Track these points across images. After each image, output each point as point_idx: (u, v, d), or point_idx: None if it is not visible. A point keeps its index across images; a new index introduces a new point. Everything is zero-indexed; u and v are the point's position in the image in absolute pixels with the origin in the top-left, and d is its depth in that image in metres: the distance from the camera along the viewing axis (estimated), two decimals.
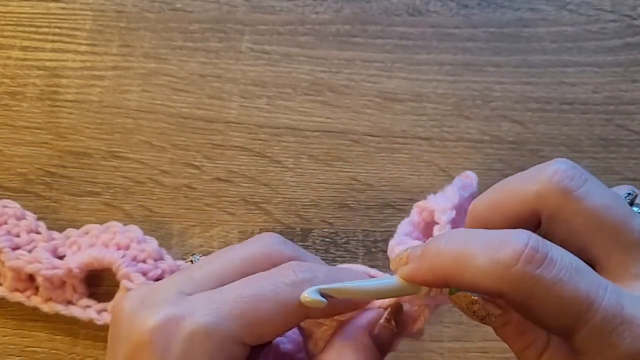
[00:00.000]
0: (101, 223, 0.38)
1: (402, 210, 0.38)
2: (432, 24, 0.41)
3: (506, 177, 0.38)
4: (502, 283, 0.22)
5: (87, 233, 0.36)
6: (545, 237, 0.24)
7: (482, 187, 0.38)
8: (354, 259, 0.37)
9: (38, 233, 0.36)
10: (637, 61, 0.40)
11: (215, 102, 0.40)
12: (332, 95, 0.40)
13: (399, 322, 0.28)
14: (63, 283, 0.35)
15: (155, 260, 0.35)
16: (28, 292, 0.36)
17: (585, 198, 0.24)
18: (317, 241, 0.38)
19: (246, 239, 0.38)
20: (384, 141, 0.39)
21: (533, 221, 0.25)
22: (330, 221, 0.38)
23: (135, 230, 0.36)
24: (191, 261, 0.34)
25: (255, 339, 0.26)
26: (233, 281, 0.26)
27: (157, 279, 0.35)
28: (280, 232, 0.38)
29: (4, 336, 0.37)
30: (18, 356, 0.36)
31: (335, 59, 0.41)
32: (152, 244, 0.36)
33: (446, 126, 0.40)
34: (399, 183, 0.39)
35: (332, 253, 0.38)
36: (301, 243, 0.38)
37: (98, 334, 0.36)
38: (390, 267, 0.27)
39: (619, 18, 0.41)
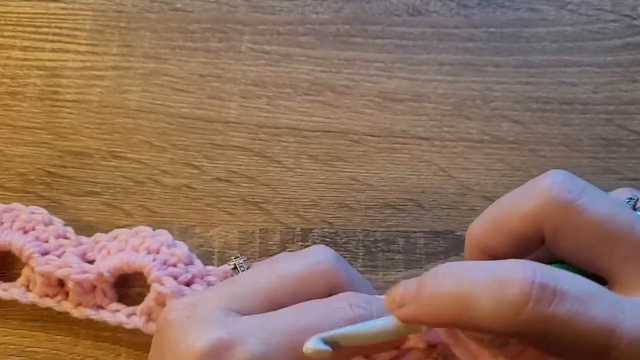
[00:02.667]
0: (101, 223, 0.38)
1: (402, 210, 0.38)
2: (432, 24, 0.41)
3: (506, 177, 0.39)
4: (513, 326, 0.21)
5: (116, 237, 0.36)
6: (552, 252, 0.23)
7: (482, 187, 0.38)
8: (354, 259, 0.38)
9: (66, 238, 0.36)
10: (637, 61, 0.40)
11: (215, 102, 0.40)
12: (332, 95, 0.40)
13: None
14: (93, 288, 0.35)
15: (186, 264, 0.35)
16: (58, 297, 0.36)
17: (586, 209, 0.23)
18: (317, 241, 0.38)
19: (246, 239, 0.38)
20: (384, 141, 0.39)
21: (537, 238, 0.24)
22: (330, 221, 0.38)
23: (164, 235, 0.36)
24: (234, 266, 0.33)
25: None
26: (284, 301, 0.25)
27: (188, 284, 0.34)
28: (280, 232, 0.38)
29: (4, 336, 0.37)
30: (18, 356, 0.36)
31: (335, 59, 0.41)
32: (182, 248, 0.36)
33: (446, 126, 0.40)
34: (399, 183, 0.39)
35: None
36: (301, 243, 0.38)
37: (99, 334, 0.36)
38: (385, 307, 0.25)
39: (619, 18, 0.41)
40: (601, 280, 0.24)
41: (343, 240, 0.38)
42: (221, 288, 0.27)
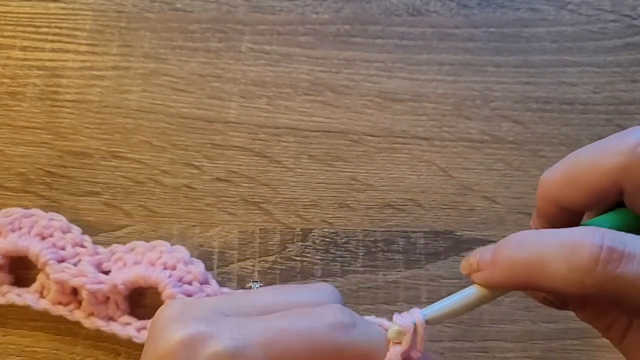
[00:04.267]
0: (101, 223, 0.38)
1: (402, 210, 0.38)
2: (432, 24, 0.41)
3: (506, 177, 0.39)
4: (584, 287, 0.22)
5: (132, 249, 0.36)
6: (629, 208, 0.24)
7: (482, 187, 0.38)
8: (354, 259, 0.38)
9: (83, 247, 0.36)
10: (637, 61, 0.40)
11: (215, 102, 0.40)
12: (332, 95, 0.40)
13: None
14: (107, 299, 0.35)
15: (201, 283, 0.35)
16: (71, 306, 0.36)
17: None
18: (317, 241, 0.38)
19: (246, 238, 0.38)
20: (384, 141, 0.39)
21: (613, 194, 0.24)
22: (330, 221, 0.38)
23: (182, 251, 0.36)
24: (250, 287, 0.35)
25: None
26: None
27: None
28: (280, 232, 0.38)
29: (4, 336, 0.37)
30: (18, 356, 0.36)
31: (335, 59, 0.41)
32: (198, 267, 0.35)
33: (446, 126, 0.40)
34: (399, 183, 0.39)
35: (332, 253, 0.38)
36: (301, 243, 0.38)
37: (99, 334, 0.36)
38: (461, 271, 0.27)
39: (619, 18, 0.41)
40: None
41: (343, 240, 0.38)
42: (222, 296, 0.28)
